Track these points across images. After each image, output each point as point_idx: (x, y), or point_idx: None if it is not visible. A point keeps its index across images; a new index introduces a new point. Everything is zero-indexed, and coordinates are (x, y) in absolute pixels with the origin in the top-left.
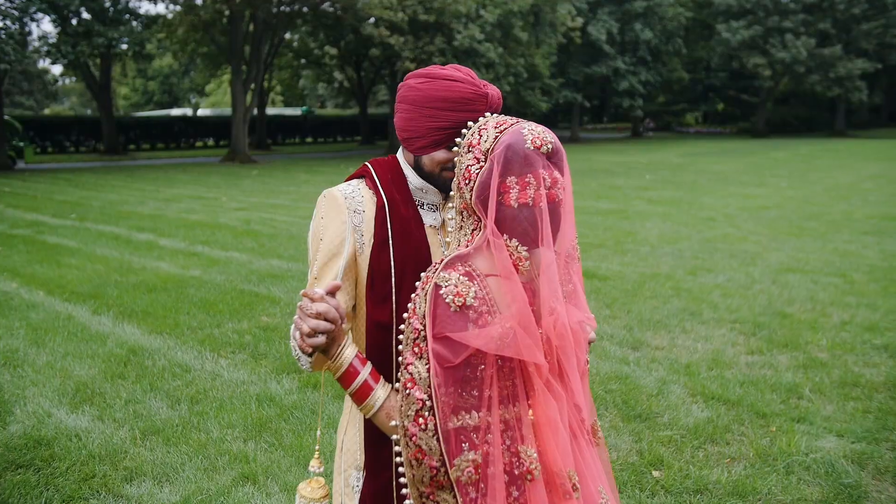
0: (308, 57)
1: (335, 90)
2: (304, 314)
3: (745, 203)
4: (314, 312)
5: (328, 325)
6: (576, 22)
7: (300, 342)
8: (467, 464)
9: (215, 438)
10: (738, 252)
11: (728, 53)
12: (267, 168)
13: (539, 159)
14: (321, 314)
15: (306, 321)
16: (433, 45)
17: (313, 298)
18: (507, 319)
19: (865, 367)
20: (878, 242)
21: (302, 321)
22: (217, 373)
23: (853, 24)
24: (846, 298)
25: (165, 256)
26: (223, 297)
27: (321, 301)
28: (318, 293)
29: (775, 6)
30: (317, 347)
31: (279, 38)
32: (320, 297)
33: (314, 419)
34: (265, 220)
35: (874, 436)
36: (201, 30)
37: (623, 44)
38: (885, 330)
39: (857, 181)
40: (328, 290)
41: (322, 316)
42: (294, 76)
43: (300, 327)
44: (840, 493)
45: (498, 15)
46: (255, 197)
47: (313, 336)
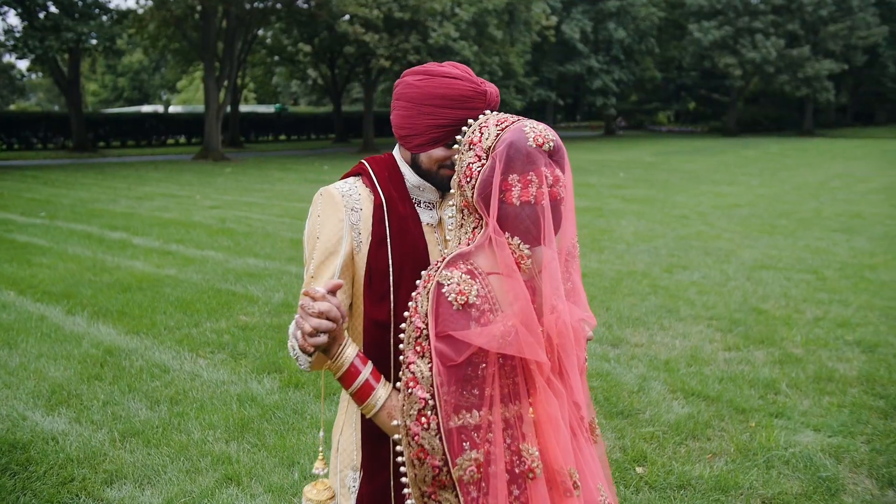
0: (282, 54)
1: (309, 88)
2: (305, 313)
3: (717, 201)
4: (316, 311)
5: (330, 325)
6: (550, 21)
7: (302, 342)
8: (469, 463)
9: (197, 440)
10: (712, 249)
11: (699, 53)
12: (240, 166)
13: (541, 157)
14: (323, 313)
15: (308, 320)
16: (408, 42)
17: (315, 297)
18: (509, 318)
19: (839, 363)
20: (848, 240)
21: (304, 320)
22: (196, 373)
23: (820, 25)
24: (818, 295)
25: (139, 255)
26: (200, 297)
27: (323, 300)
28: (320, 292)
29: (745, 7)
30: (318, 347)
31: (252, 35)
32: (322, 296)
33: (297, 419)
34: (240, 218)
35: (849, 429)
36: (173, 25)
37: (597, 43)
38: (856, 326)
39: (825, 180)
40: (329, 289)
41: (324, 315)
42: (267, 73)
43: (302, 326)
44: (819, 486)
45: (473, 13)
46: (230, 195)
47: (315, 335)
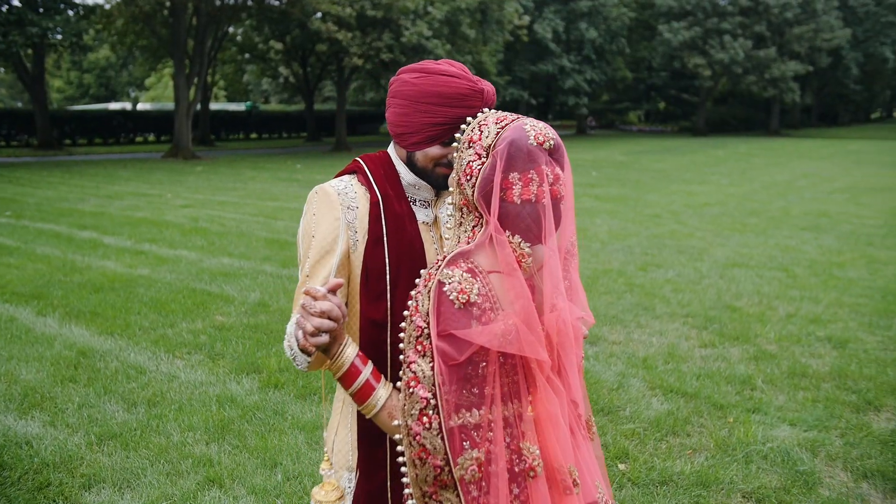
0: (252, 51)
1: (280, 85)
2: (307, 313)
3: (688, 200)
4: (318, 311)
5: (332, 324)
6: (522, 20)
7: (303, 342)
8: (471, 462)
9: (176, 442)
10: (685, 248)
11: (669, 54)
12: (211, 164)
13: (542, 155)
14: (325, 312)
15: (310, 320)
16: (381, 41)
17: (316, 296)
18: (510, 316)
19: (812, 358)
20: (816, 238)
21: (305, 320)
22: (173, 374)
23: (786, 27)
24: (790, 292)
25: (111, 255)
26: (175, 297)
27: (324, 299)
28: (321, 291)
29: (714, 8)
30: (320, 346)
31: (223, 32)
32: (323, 296)
33: (277, 420)
34: (213, 217)
35: (824, 424)
36: (141, 22)
37: (568, 42)
38: (827, 322)
39: (792, 179)
40: (330, 288)
41: (326, 314)
42: (238, 71)
43: (303, 326)
44: (797, 480)
45: (446, 12)
46: (201, 194)
47: (317, 335)
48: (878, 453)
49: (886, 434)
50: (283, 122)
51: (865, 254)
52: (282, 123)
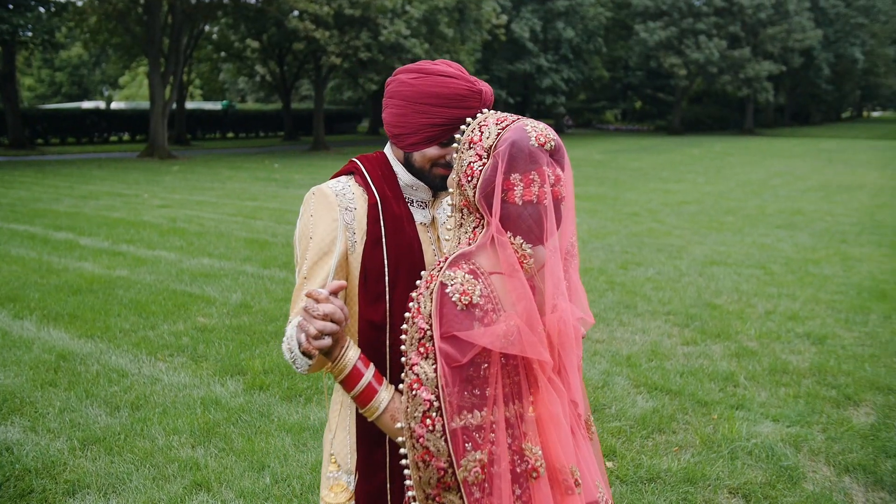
0: (229, 50)
1: (257, 84)
2: (309, 316)
3: (666, 198)
4: (321, 314)
5: (335, 327)
6: (500, 19)
7: (306, 345)
8: (474, 464)
9: (161, 446)
10: (664, 246)
11: (646, 53)
12: (188, 164)
13: (543, 156)
14: (328, 315)
15: (313, 323)
16: (359, 40)
17: (318, 299)
18: (512, 317)
19: (792, 355)
20: (791, 236)
21: (308, 323)
22: (156, 377)
23: (759, 28)
24: (768, 289)
25: (88, 256)
26: (155, 298)
27: (327, 301)
28: (323, 294)
29: (689, 9)
30: (322, 350)
31: (198, 30)
32: (325, 298)
33: (264, 422)
34: (191, 217)
35: (806, 419)
36: (115, 19)
37: (546, 42)
38: (805, 319)
39: (766, 177)
40: (331, 290)
41: (329, 317)
42: (214, 69)
43: (306, 329)
44: (781, 475)
45: (424, 11)
46: (179, 193)
47: (320, 338)
48: (858, 447)
49: (866, 428)
50: (259, 121)
51: (839, 251)
52: (258, 122)
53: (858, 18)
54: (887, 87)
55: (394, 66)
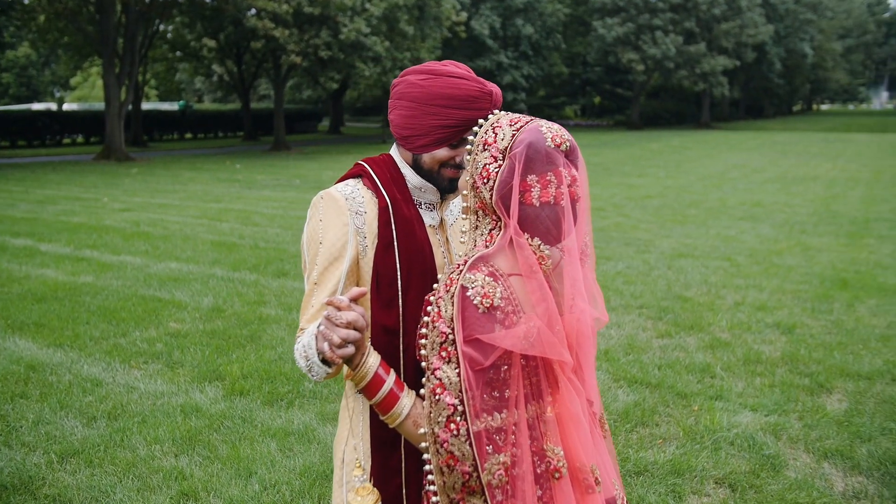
0: (185, 49)
1: (214, 84)
2: (332, 324)
3: (630, 193)
4: (345, 322)
5: (358, 335)
6: (460, 16)
7: (330, 354)
8: (497, 467)
9: (143, 456)
10: (631, 240)
11: (604, 49)
12: (147, 166)
13: (559, 157)
14: (351, 323)
15: (336, 331)
16: (319, 38)
17: (340, 307)
18: (532, 318)
19: (763, 345)
20: (753, 227)
21: (331, 331)
22: (132, 385)
23: (714, 23)
24: (735, 281)
25: (50, 263)
26: (124, 304)
27: (349, 309)
28: (345, 301)
29: (645, 5)
30: (346, 358)
31: (153, 30)
32: (348, 306)
33: (247, 428)
34: (155, 220)
35: (782, 408)
36: (66, 18)
37: (505, 38)
38: (773, 309)
39: (724, 170)
40: (352, 297)
41: (352, 325)
42: (170, 69)
43: (329, 338)
44: (764, 463)
45: (383, 8)
46: (140, 197)
47: (344, 346)
48: (834, 434)
49: (840, 415)
50: (218, 121)
51: (800, 241)
52: (217, 123)
53: (807, 14)
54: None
55: (354, 65)
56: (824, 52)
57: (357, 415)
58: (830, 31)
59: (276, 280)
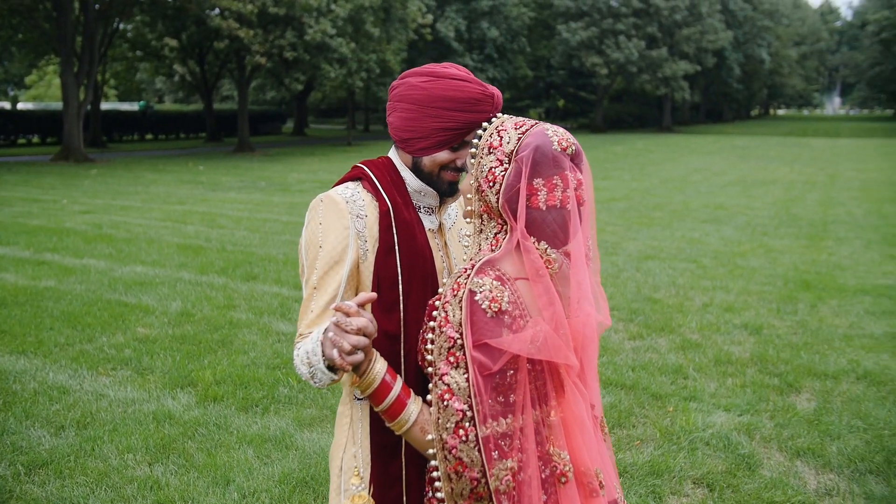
0: (145, 49)
1: (176, 84)
2: (341, 330)
3: (596, 195)
4: (355, 328)
5: (367, 342)
6: (426, 19)
7: (339, 361)
8: (505, 472)
9: (116, 465)
10: (599, 242)
11: (568, 53)
12: (107, 167)
13: (565, 160)
14: (361, 329)
15: (346, 338)
16: (284, 39)
17: (349, 313)
18: (539, 322)
19: (733, 345)
20: (717, 230)
21: (341, 338)
22: (101, 392)
23: (675, 29)
24: (702, 282)
25: (9, 266)
26: (89, 309)
27: (357, 315)
28: (354, 307)
29: (609, 9)
30: (355, 364)
31: (112, 28)
32: (357, 312)
33: (222, 434)
34: (117, 223)
35: (754, 407)
36: (21, 15)
37: (471, 41)
38: (740, 310)
39: (686, 173)
40: (360, 303)
41: (362, 331)
42: (130, 69)
43: (339, 344)
44: (740, 463)
45: (349, 10)
46: (101, 199)
47: (353, 353)
48: (805, 432)
49: (810, 413)
50: (180, 122)
51: (762, 243)
52: (179, 123)
53: (764, 21)
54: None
55: (320, 66)
56: (781, 59)
57: (356, 422)
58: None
59: (246, 284)
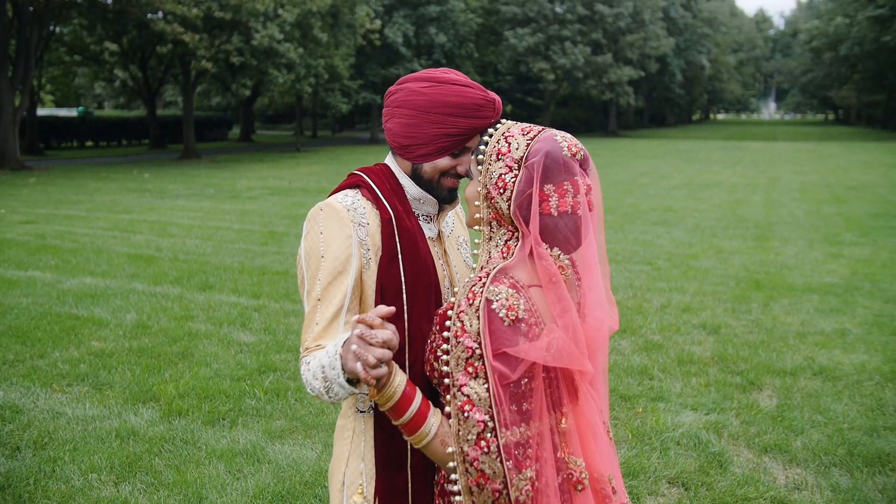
0: (84, 53)
1: (116, 90)
2: (366, 343)
3: None
4: (380, 341)
5: (390, 355)
6: (374, 24)
7: (364, 375)
8: (525, 482)
9: (80, 486)
10: None
11: (515, 58)
12: (47, 175)
13: (575, 166)
14: (386, 342)
15: (372, 351)
16: (230, 44)
17: (373, 325)
18: (554, 330)
19: (694, 345)
20: (668, 232)
21: (366, 351)
22: (58, 410)
23: (619, 35)
24: (658, 284)
25: None
26: (38, 323)
27: (381, 328)
28: (378, 319)
29: (555, 16)
30: (380, 378)
31: (49, 32)
32: (381, 324)
33: (190, 450)
34: (62, 233)
35: (720, 406)
36: None
37: (419, 47)
38: (697, 310)
39: (634, 177)
40: (382, 315)
41: (386, 344)
42: (67, 73)
43: (364, 358)
44: (711, 461)
45: (297, 14)
46: (42, 208)
47: (378, 366)
48: (770, 429)
49: (773, 410)
50: (121, 128)
51: (712, 245)
52: (120, 130)
53: (704, 29)
54: (729, 93)
55: (268, 72)
56: (720, 65)
57: (359, 434)
58: (725, 45)
59: (202, 294)
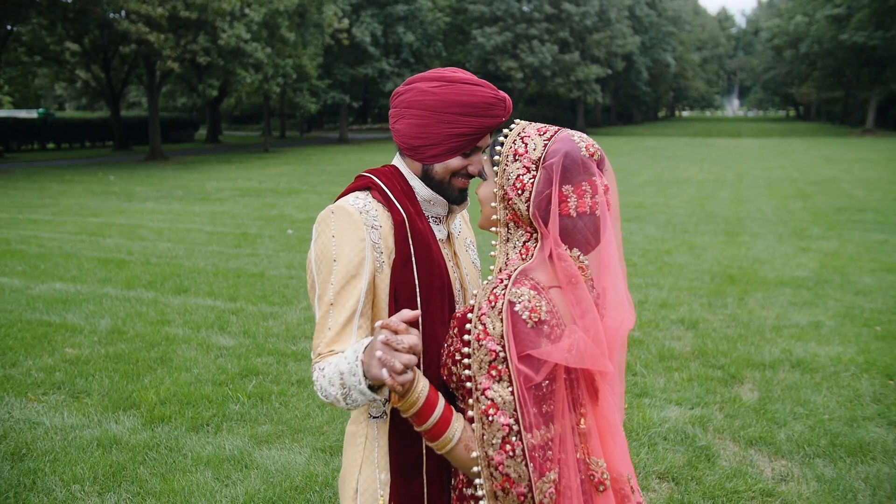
0: (44, 53)
1: (78, 90)
2: (391, 349)
3: None
4: (406, 346)
5: (416, 360)
6: (342, 24)
7: (391, 381)
8: (549, 485)
9: (63, 498)
10: None
11: (484, 57)
12: (7, 178)
13: (593, 166)
14: (412, 348)
15: (398, 357)
16: (196, 43)
17: (398, 330)
18: (576, 331)
19: (674, 341)
20: (640, 228)
21: (391, 357)
22: (34, 420)
23: (586, 34)
24: (634, 280)
25: None
26: (8, 331)
27: (406, 333)
28: (403, 325)
29: (522, 15)
30: (405, 385)
31: (5, 31)
32: (406, 330)
33: (175, 457)
34: (27, 238)
35: (703, 400)
36: None
37: (387, 46)
38: (674, 306)
39: None
40: (406, 320)
41: (412, 350)
42: (27, 74)
43: (390, 364)
44: (699, 455)
45: (264, 14)
46: (5, 212)
47: (404, 372)
48: (754, 422)
49: (755, 403)
50: (84, 130)
51: (685, 240)
52: (83, 131)
53: (668, 27)
54: (694, 90)
55: (235, 72)
56: (684, 63)
57: (372, 441)
58: (689, 43)
59: (177, 297)
